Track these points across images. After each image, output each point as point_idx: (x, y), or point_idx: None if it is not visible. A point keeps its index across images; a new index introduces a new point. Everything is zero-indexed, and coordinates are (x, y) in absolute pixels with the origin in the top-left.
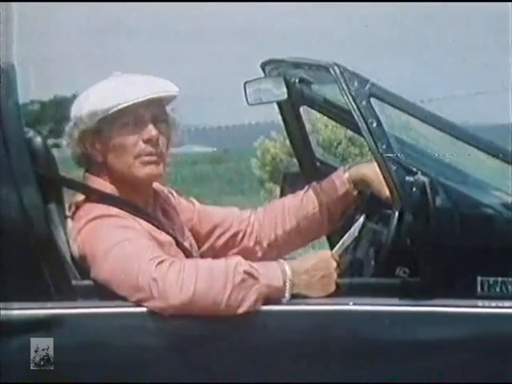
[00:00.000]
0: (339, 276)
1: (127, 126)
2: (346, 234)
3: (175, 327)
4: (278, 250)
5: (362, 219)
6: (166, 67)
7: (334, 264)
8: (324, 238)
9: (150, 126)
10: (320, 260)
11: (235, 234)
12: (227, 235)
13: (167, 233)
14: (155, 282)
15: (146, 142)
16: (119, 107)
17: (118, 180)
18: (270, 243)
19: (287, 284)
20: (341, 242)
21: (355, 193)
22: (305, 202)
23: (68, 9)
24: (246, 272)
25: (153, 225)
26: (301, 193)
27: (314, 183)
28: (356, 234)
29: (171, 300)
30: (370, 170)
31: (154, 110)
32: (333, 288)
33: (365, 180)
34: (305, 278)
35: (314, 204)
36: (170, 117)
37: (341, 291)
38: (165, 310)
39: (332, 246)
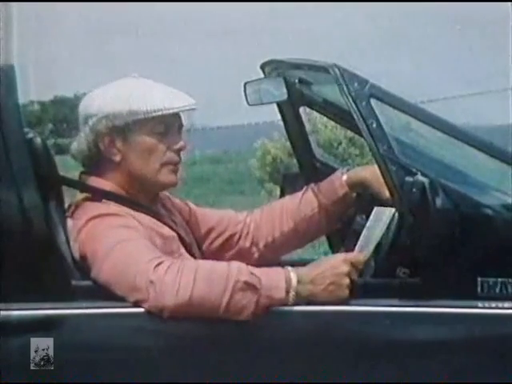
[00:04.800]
0: (353, 280)
1: (159, 132)
2: (366, 231)
3: (175, 327)
4: (274, 251)
5: (391, 211)
6: (165, 67)
7: (346, 269)
8: (324, 238)
9: (179, 136)
10: (329, 267)
11: (231, 236)
12: (223, 237)
13: (171, 228)
14: (152, 283)
15: (176, 151)
16: (164, 112)
17: (130, 180)
18: (267, 244)
19: (290, 294)
20: (363, 242)
21: (354, 195)
22: (303, 203)
23: (68, 9)
24: (246, 282)
25: (157, 219)
26: (299, 194)
27: (312, 185)
28: (384, 228)
29: (167, 302)
30: (370, 173)
31: (179, 121)
32: (343, 293)
33: (364, 183)
34: (310, 287)
35: (313, 206)
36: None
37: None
38: (161, 311)
39: (332, 246)
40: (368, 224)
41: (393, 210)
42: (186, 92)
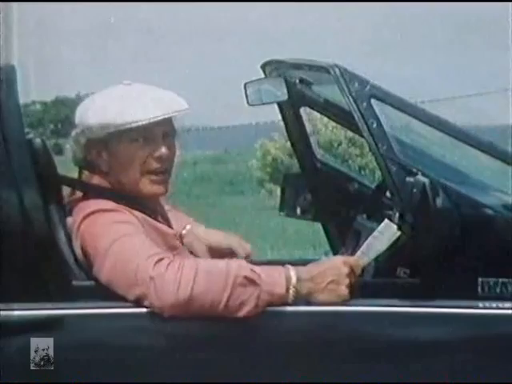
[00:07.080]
0: (353, 282)
1: (137, 141)
2: (371, 239)
3: (175, 327)
4: None
5: (396, 233)
6: (166, 68)
7: (345, 270)
8: (324, 239)
9: (161, 144)
10: (329, 267)
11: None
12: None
13: (170, 227)
14: (152, 280)
15: (156, 159)
16: (133, 125)
17: (122, 189)
18: None
19: (291, 291)
20: (365, 249)
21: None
22: None
23: (69, 9)
24: (246, 278)
25: (156, 220)
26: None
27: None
28: (386, 245)
29: (168, 299)
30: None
31: (165, 127)
32: (342, 293)
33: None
34: (310, 284)
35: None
36: (177, 132)
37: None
38: (161, 308)
39: (332, 247)
40: (374, 233)
41: (398, 233)
42: (185, 92)
